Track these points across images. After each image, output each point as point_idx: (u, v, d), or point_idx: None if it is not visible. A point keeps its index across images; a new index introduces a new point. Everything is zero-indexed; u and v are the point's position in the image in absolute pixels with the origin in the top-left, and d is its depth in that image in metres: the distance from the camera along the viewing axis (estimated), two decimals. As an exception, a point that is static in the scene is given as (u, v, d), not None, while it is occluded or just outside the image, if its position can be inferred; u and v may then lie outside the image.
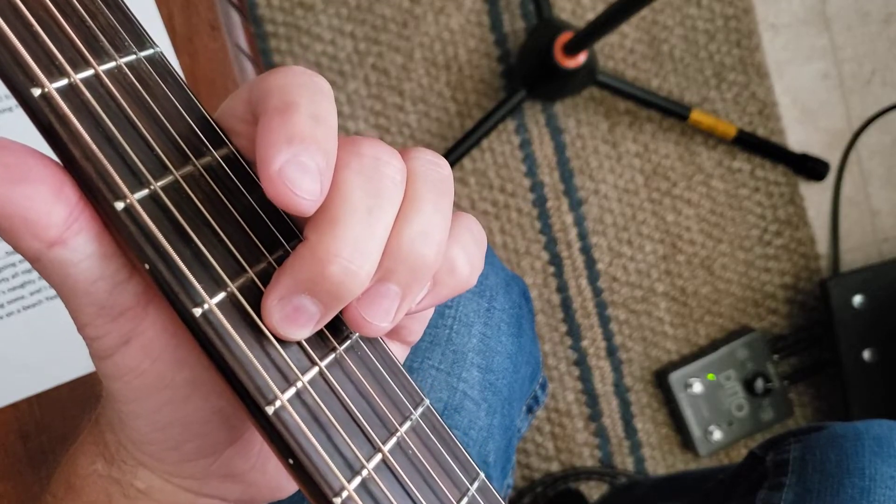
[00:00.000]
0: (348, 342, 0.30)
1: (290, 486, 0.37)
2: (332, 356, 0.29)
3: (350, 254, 0.26)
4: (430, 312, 0.35)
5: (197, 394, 0.31)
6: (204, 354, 0.27)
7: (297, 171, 0.26)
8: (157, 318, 0.29)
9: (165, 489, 0.34)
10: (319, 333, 0.29)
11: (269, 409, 0.26)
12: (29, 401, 0.57)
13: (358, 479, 0.27)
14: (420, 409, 0.31)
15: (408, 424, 0.30)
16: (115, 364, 0.30)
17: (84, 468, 0.34)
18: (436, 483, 0.29)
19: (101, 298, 0.28)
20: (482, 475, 0.32)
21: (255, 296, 0.27)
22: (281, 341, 0.28)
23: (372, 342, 0.31)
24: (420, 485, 0.29)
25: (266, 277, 0.28)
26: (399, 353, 0.36)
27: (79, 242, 0.27)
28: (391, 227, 0.28)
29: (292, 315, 0.27)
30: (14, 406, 0.57)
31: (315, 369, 0.28)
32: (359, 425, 0.28)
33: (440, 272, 0.30)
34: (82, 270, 0.27)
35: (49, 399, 0.57)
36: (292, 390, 0.27)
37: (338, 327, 0.30)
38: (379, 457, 0.28)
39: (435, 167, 0.30)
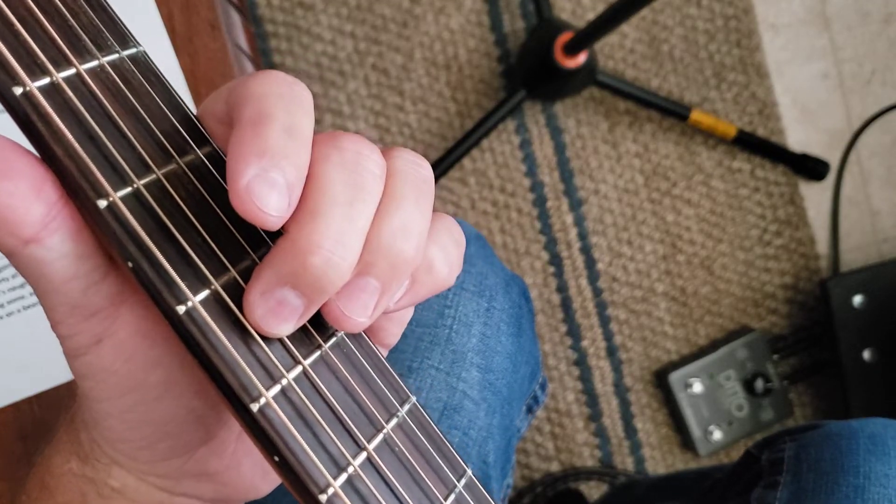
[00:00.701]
0: (333, 339, 0.30)
1: (264, 486, 0.37)
2: (317, 353, 0.29)
3: (332, 245, 0.26)
4: (409, 314, 0.35)
5: (170, 394, 0.31)
6: (187, 352, 0.27)
7: (264, 186, 0.26)
8: (129, 319, 0.29)
9: (140, 488, 0.34)
10: (304, 330, 0.29)
11: (254, 407, 0.26)
12: (29, 401, 0.57)
13: (344, 476, 0.27)
14: (406, 406, 0.31)
15: (394, 421, 0.30)
16: (88, 363, 0.30)
17: (58, 467, 0.34)
18: (423, 480, 0.30)
19: (75, 298, 0.28)
20: (469, 471, 0.32)
21: (240, 294, 0.27)
22: (265, 338, 0.28)
23: (357, 339, 0.31)
24: (407, 482, 0.29)
25: (250, 275, 0.28)
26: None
27: (55, 241, 0.27)
28: (371, 222, 0.28)
29: (275, 309, 0.27)
30: (14, 406, 0.57)
31: (300, 367, 0.28)
32: (344, 423, 0.28)
33: (418, 271, 0.30)
34: (57, 269, 0.27)
35: (49, 399, 0.57)
36: (277, 388, 0.27)
37: (322, 324, 0.30)
38: (365, 454, 0.28)
39: (416, 167, 0.30)
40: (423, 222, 0.29)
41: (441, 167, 1.09)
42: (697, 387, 1.17)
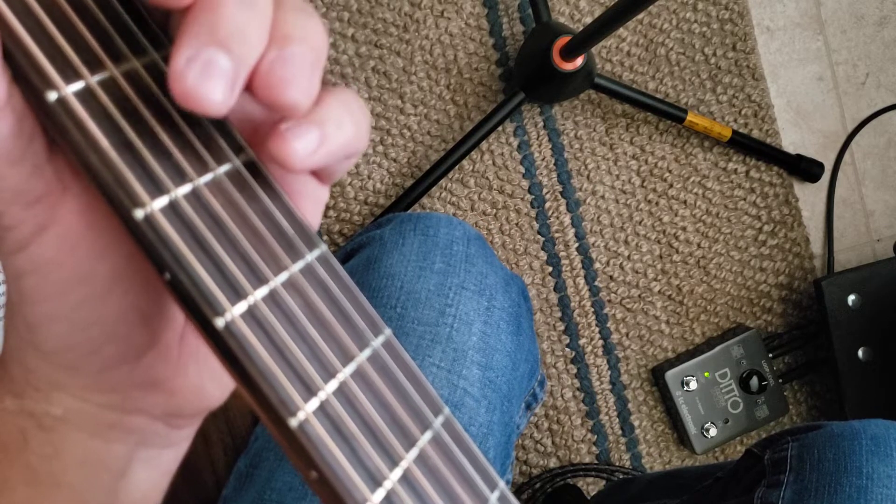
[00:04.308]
0: (369, 350, 0.29)
1: (214, 391, 0.35)
2: (354, 365, 0.28)
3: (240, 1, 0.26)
4: (326, 196, 0.34)
5: (118, 288, 0.30)
6: (228, 367, 0.27)
7: None
8: (74, 207, 0.29)
9: (85, 411, 0.32)
10: (336, 340, 0.28)
11: (293, 422, 0.26)
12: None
13: (382, 492, 0.27)
14: (440, 418, 0.30)
15: (429, 434, 0.29)
16: (31, 257, 0.29)
17: None
18: (457, 494, 0.29)
19: (19, 182, 0.27)
20: (502, 484, 0.31)
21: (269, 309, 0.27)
22: (303, 349, 0.27)
23: (392, 349, 0.30)
24: (442, 495, 0.29)
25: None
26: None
27: (8, 121, 0.26)
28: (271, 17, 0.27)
29: (205, 70, 0.26)
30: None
31: (337, 380, 0.28)
32: (381, 436, 0.28)
33: (328, 124, 0.29)
34: (6, 149, 0.26)
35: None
36: (316, 402, 0.27)
37: (356, 331, 0.29)
38: (402, 468, 0.28)
39: None
40: (320, 30, 0.29)
41: (441, 169, 1.09)
42: (693, 385, 1.17)
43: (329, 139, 0.29)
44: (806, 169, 1.24)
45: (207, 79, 0.26)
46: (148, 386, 0.33)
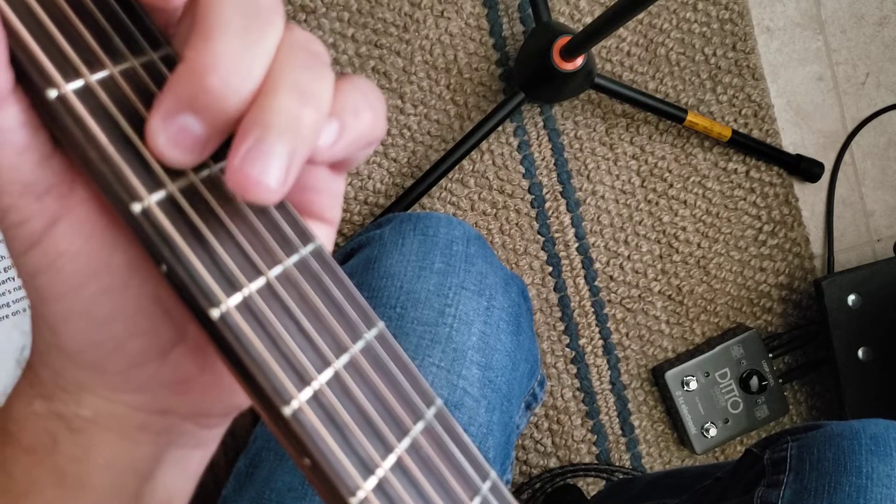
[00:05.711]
0: (363, 342, 0.30)
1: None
2: (347, 357, 0.29)
3: (229, 65, 0.25)
4: (341, 187, 0.34)
5: (134, 279, 0.30)
6: (224, 357, 0.27)
7: None
8: (85, 196, 0.29)
9: (113, 412, 0.32)
10: (332, 333, 0.29)
11: (287, 411, 0.26)
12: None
13: (374, 479, 0.27)
14: (433, 409, 0.30)
15: (421, 424, 0.30)
16: (44, 251, 0.28)
17: (20, 411, 0.32)
18: (449, 483, 0.29)
19: (27, 172, 0.27)
20: (493, 474, 0.31)
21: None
22: (295, 338, 0.27)
23: (385, 342, 0.31)
24: (434, 485, 0.29)
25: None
26: (325, 235, 0.34)
27: (15, 109, 0.26)
28: (273, 57, 0.27)
29: (178, 136, 0.26)
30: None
31: (331, 369, 0.28)
32: (374, 425, 0.28)
33: (345, 114, 0.28)
34: (14, 139, 0.27)
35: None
36: (310, 392, 0.27)
37: (351, 324, 0.29)
38: (395, 457, 0.28)
39: (309, 38, 0.29)
40: (327, 82, 0.28)
41: (441, 169, 1.09)
42: (693, 385, 1.17)
43: (348, 129, 0.29)
44: (806, 169, 1.24)
45: (174, 146, 0.26)
46: (176, 384, 0.33)
